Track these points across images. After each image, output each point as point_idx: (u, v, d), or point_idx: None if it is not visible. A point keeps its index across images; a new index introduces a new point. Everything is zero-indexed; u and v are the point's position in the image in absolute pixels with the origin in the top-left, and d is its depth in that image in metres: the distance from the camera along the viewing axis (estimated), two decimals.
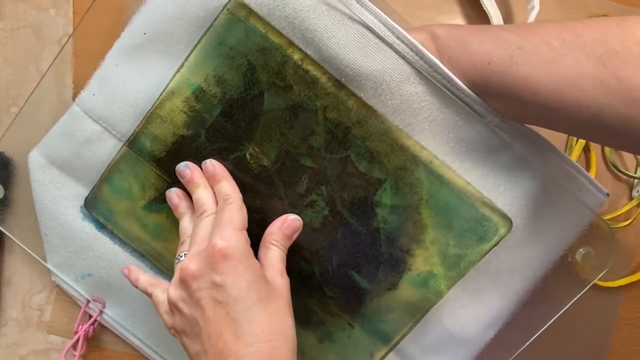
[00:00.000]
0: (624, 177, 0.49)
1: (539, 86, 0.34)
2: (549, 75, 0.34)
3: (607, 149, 0.49)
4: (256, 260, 0.38)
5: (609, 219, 0.48)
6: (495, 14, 0.46)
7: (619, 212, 0.48)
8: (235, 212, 0.39)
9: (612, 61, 0.32)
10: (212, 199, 0.40)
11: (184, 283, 0.37)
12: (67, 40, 0.45)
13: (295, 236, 0.42)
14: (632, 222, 0.48)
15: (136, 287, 0.42)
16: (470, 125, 0.41)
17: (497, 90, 0.37)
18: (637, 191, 0.49)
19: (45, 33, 0.47)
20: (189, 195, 0.42)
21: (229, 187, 0.40)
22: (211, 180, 0.41)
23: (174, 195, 0.42)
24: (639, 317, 0.50)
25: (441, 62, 0.39)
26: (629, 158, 0.49)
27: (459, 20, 0.48)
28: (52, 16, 0.47)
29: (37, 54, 0.47)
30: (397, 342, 0.45)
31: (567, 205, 0.43)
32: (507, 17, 0.48)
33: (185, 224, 0.41)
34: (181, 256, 0.39)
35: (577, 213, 0.43)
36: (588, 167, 0.49)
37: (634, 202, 0.49)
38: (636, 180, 0.49)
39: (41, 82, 0.44)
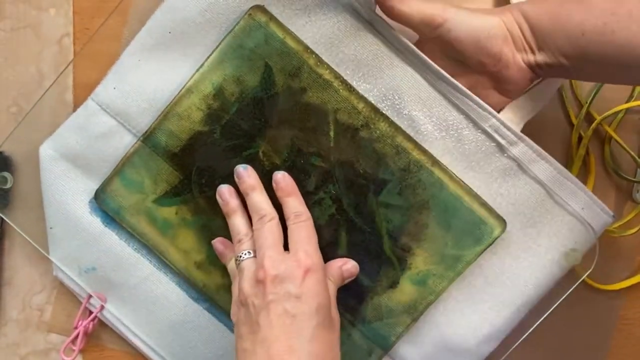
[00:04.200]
0: (624, 181, 0.50)
1: None
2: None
3: (607, 154, 0.49)
4: (328, 287, 0.39)
5: (616, 227, 0.49)
6: None
7: (625, 220, 0.49)
8: (313, 231, 0.40)
9: None
10: (270, 204, 0.41)
11: (261, 284, 0.37)
12: (82, 47, 0.46)
13: (348, 281, 0.43)
14: (638, 230, 0.48)
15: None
16: (470, 131, 0.44)
17: (596, 60, 0.37)
18: (638, 191, 0.49)
19: (45, 33, 0.47)
20: (239, 194, 0.43)
21: (300, 204, 0.41)
22: (281, 192, 0.42)
23: (226, 191, 0.42)
24: (639, 318, 0.50)
25: (535, 40, 0.39)
26: (627, 161, 0.50)
27: None
28: (52, 16, 0.47)
29: (37, 54, 0.47)
30: (395, 341, 0.46)
31: (568, 217, 0.44)
32: None
33: (238, 221, 0.41)
34: (244, 254, 0.39)
35: (578, 226, 0.44)
36: (587, 173, 0.49)
37: (639, 208, 0.49)
38: (635, 184, 0.49)
39: (42, 83, 0.45)
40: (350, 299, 0.46)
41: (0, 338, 0.47)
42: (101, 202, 0.44)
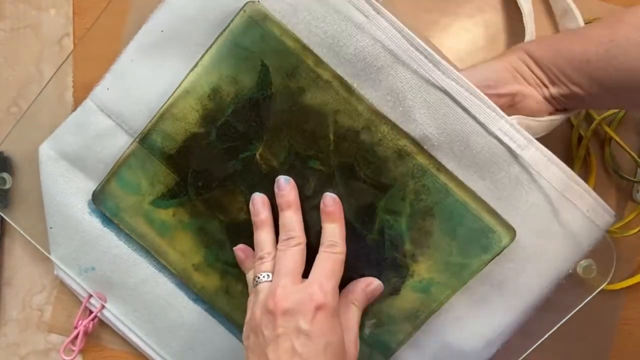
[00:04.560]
0: (624, 182, 0.49)
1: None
2: None
3: (607, 154, 0.48)
4: (340, 323, 0.38)
5: (617, 228, 0.48)
6: (528, 9, 0.46)
7: (626, 220, 0.48)
8: (340, 266, 0.39)
9: None
10: (302, 226, 0.40)
11: (272, 314, 0.36)
12: (76, 45, 0.46)
13: (372, 300, 0.42)
14: (638, 231, 0.48)
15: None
16: (480, 135, 0.41)
17: (607, 86, 0.38)
18: (638, 191, 0.49)
19: (45, 33, 0.47)
20: (273, 207, 0.42)
21: (339, 233, 0.40)
22: (326, 216, 0.40)
23: (259, 201, 0.41)
24: (639, 318, 0.50)
25: (545, 74, 0.40)
26: (627, 161, 0.49)
27: (464, 22, 0.48)
28: (52, 16, 0.47)
29: (37, 54, 0.47)
30: (396, 348, 0.45)
31: (574, 221, 0.43)
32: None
33: (264, 236, 0.40)
34: (262, 277, 0.39)
35: (584, 230, 0.43)
36: (588, 173, 0.49)
37: (639, 209, 0.49)
38: (635, 184, 0.49)
39: (42, 83, 0.45)
40: None
41: (0, 338, 0.48)
42: (99, 203, 0.44)
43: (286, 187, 0.41)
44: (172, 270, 0.45)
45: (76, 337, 0.44)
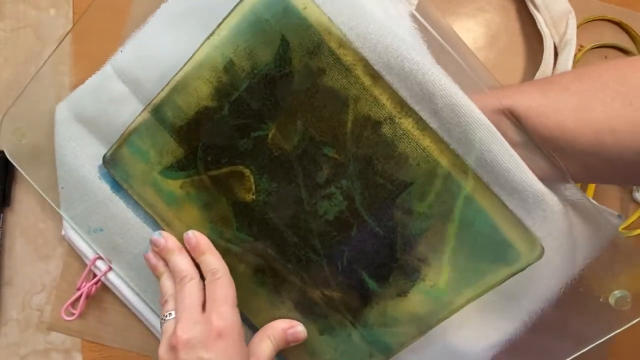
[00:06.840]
0: None
1: (574, 133, 0.33)
2: (580, 121, 0.32)
3: None
4: (245, 345, 0.39)
5: (622, 229, 0.47)
6: (549, 38, 0.45)
7: (630, 221, 0.47)
8: (228, 287, 0.40)
9: (638, 98, 0.31)
10: (190, 264, 0.41)
11: (174, 350, 0.37)
12: (64, 36, 0.44)
13: (293, 344, 0.42)
14: None
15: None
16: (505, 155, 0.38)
17: (541, 143, 0.36)
18: (638, 191, 0.49)
19: (45, 33, 0.47)
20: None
21: (215, 260, 0.41)
22: (194, 253, 0.41)
23: (151, 257, 0.42)
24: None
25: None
26: None
27: (465, 21, 0.45)
28: (52, 16, 0.47)
29: (37, 54, 0.47)
30: (398, 350, 0.43)
31: (581, 233, 0.41)
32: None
33: (166, 282, 0.41)
34: (167, 316, 0.40)
35: (589, 241, 0.41)
36: None
37: None
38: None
39: (39, 83, 0.44)
40: (354, 300, 0.42)
41: (0, 338, 0.48)
42: (109, 167, 0.43)
43: (160, 241, 0.41)
44: (178, 241, 0.44)
45: (78, 298, 0.45)
